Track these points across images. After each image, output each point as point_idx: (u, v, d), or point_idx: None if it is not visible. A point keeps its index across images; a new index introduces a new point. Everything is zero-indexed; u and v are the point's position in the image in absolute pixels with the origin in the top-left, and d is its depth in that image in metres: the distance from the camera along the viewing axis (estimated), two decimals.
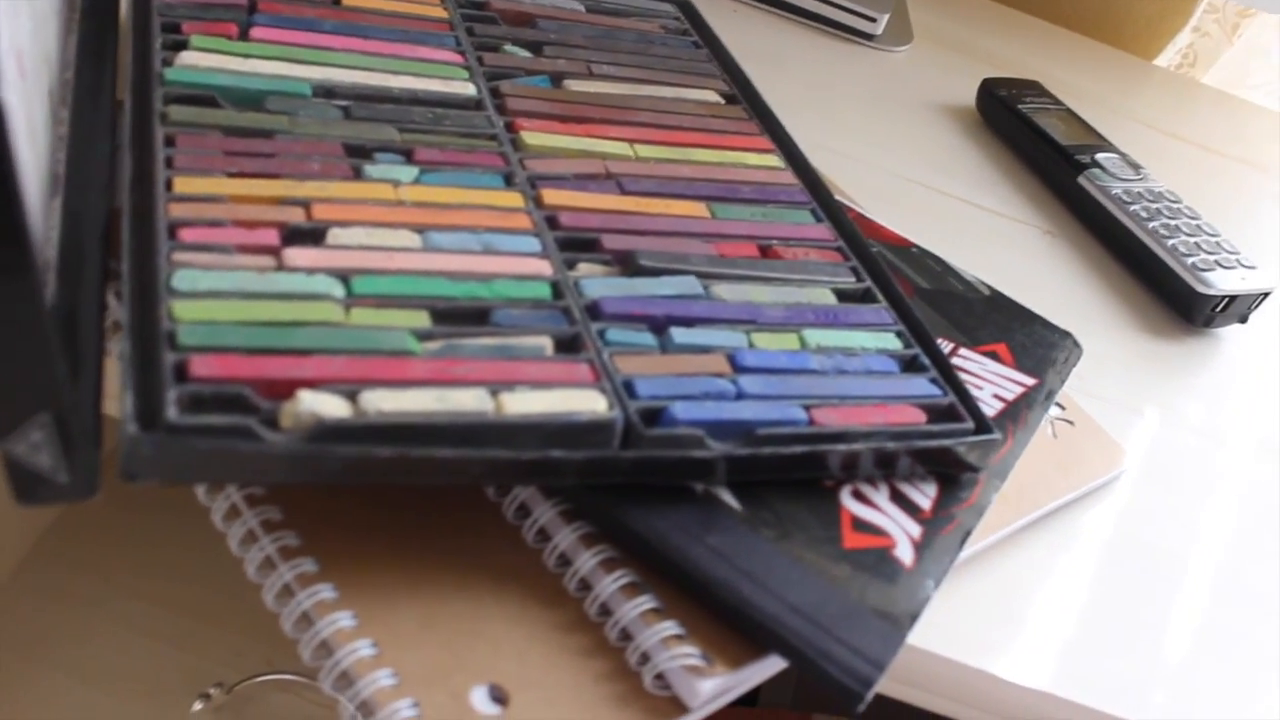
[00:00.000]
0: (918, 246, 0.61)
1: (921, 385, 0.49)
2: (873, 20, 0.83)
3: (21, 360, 0.35)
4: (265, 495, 0.42)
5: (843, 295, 0.52)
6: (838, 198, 0.57)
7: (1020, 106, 0.78)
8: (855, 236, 0.55)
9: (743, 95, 0.62)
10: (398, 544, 0.43)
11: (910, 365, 0.50)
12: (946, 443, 0.47)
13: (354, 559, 0.41)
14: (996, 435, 0.48)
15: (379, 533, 0.43)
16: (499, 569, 0.43)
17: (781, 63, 0.79)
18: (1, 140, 0.32)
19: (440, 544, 0.43)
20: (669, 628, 0.40)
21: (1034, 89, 0.81)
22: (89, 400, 0.40)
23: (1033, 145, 0.77)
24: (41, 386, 0.36)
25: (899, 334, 0.51)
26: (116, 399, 0.38)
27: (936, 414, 0.48)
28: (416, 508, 0.44)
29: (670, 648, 0.40)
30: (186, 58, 0.50)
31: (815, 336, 0.49)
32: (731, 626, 0.41)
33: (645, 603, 0.41)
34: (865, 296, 0.52)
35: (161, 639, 0.59)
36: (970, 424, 0.48)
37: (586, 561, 0.42)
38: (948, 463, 0.47)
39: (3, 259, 0.33)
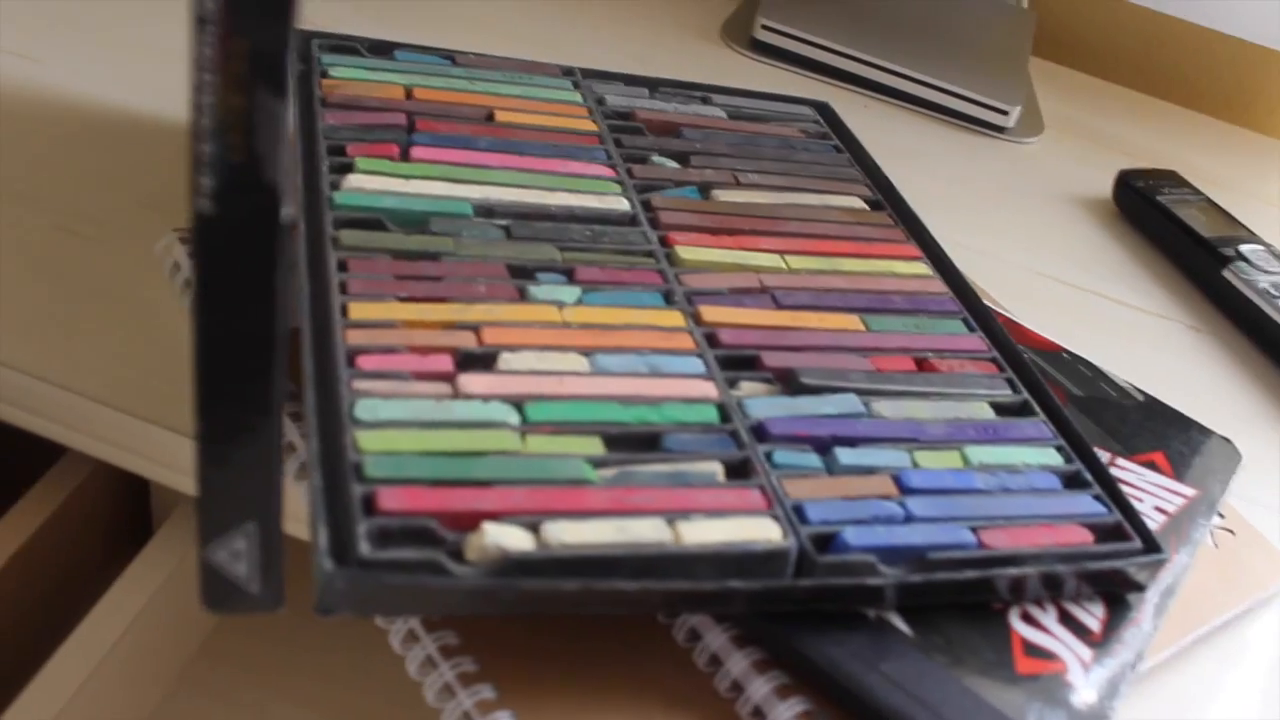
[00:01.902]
0: (1067, 351, 0.60)
1: (1086, 503, 0.48)
2: (1004, 113, 0.83)
3: (248, 469, 0.36)
4: (442, 620, 0.43)
5: (1000, 409, 0.51)
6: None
7: (1159, 198, 0.78)
8: (1009, 346, 0.54)
9: (886, 200, 0.63)
10: (571, 668, 0.43)
11: (1072, 481, 0.49)
12: (1116, 564, 0.46)
13: (530, 683, 0.42)
14: (1166, 555, 0.47)
15: (552, 656, 0.43)
16: (670, 693, 0.43)
17: (913, 158, 0.80)
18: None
19: (612, 667, 0.43)
20: None
21: (1171, 179, 0.80)
22: (278, 514, 0.40)
23: (1173, 238, 0.76)
24: (259, 496, 0.37)
25: (1059, 448, 0.50)
26: (293, 518, 0.39)
27: (1103, 533, 0.47)
28: (587, 630, 0.44)
29: None
30: (353, 181, 0.52)
31: (977, 454, 0.48)
32: None
33: None
34: (1023, 409, 0.52)
35: None
36: (1138, 543, 0.47)
37: (760, 688, 0.42)
38: (1116, 583, 0.47)
39: (255, 368, 0.35)
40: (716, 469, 0.43)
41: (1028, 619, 0.46)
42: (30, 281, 0.56)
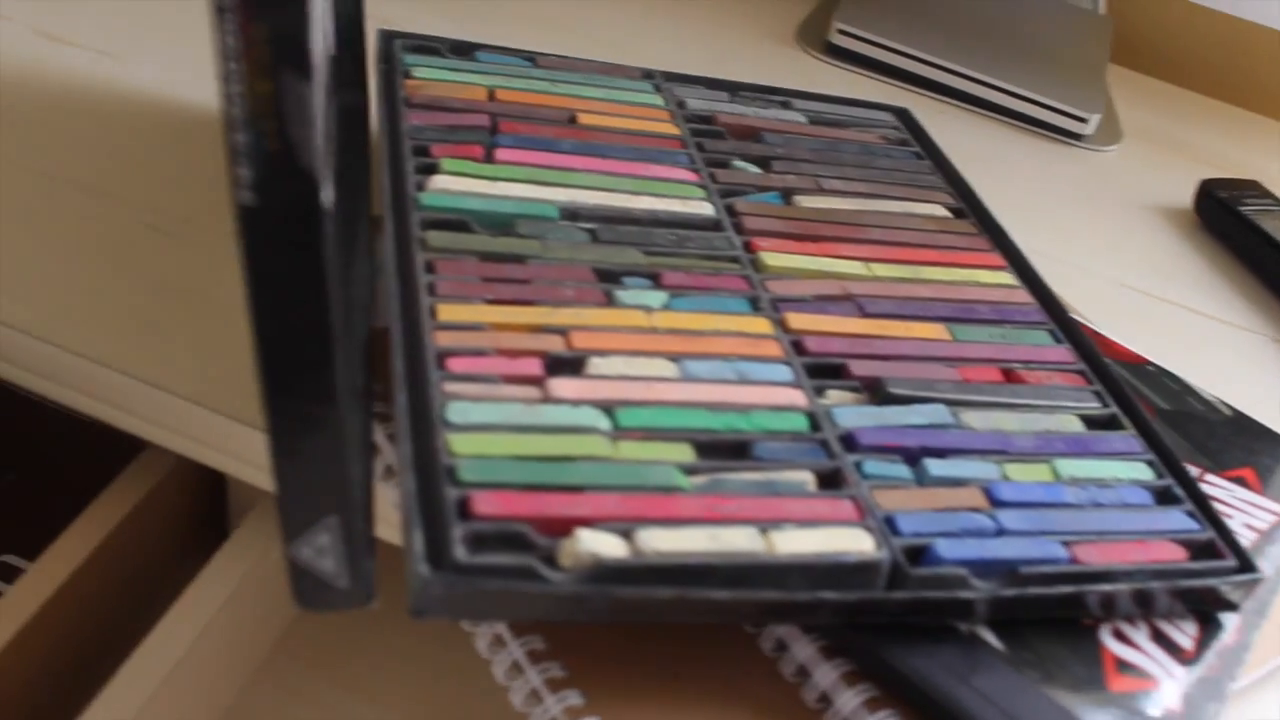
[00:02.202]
0: (1154, 364, 0.60)
1: (1178, 519, 0.47)
2: (1083, 120, 0.82)
3: (319, 461, 0.36)
4: (529, 624, 0.42)
5: (1089, 422, 0.51)
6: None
7: (1241, 208, 0.76)
8: (1096, 358, 0.54)
9: (969, 208, 0.62)
10: (657, 675, 0.43)
11: (1164, 496, 0.48)
12: (1210, 582, 0.45)
13: (617, 690, 0.41)
14: (1260, 574, 0.46)
15: (638, 663, 0.43)
16: (757, 703, 0.42)
17: (989, 164, 0.79)
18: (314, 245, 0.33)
19: (698, 675, 0.43)
20: None
21: (1254, 189, 0.79)
22: (364, 510, 0.40)
23: (1257, 249, 0.75)
24: (335, 489, 0.37)
25: (1149, 463, 0.49)
26: (381, 520, 0.38)
27: (1196, 550, 0.46)
28: (673, 637, 0.44)
29: None
30: (439, 182, 0.52)
31: (1067, 467, 0.48)
32: None
33: None
34: (1111, 423, 0.51)
35: None
36: (1232, 561, 0.46)
37: (849, 701, 0.41)
38: (1209, 601, 0.46)
39: (315, 356, 0.35)
40: (807, 478, 0.43)
41: (1119, 636, 0.45)
42: (117, 277, 0.56)
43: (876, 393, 0.48)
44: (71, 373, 0.54)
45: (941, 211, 0.61)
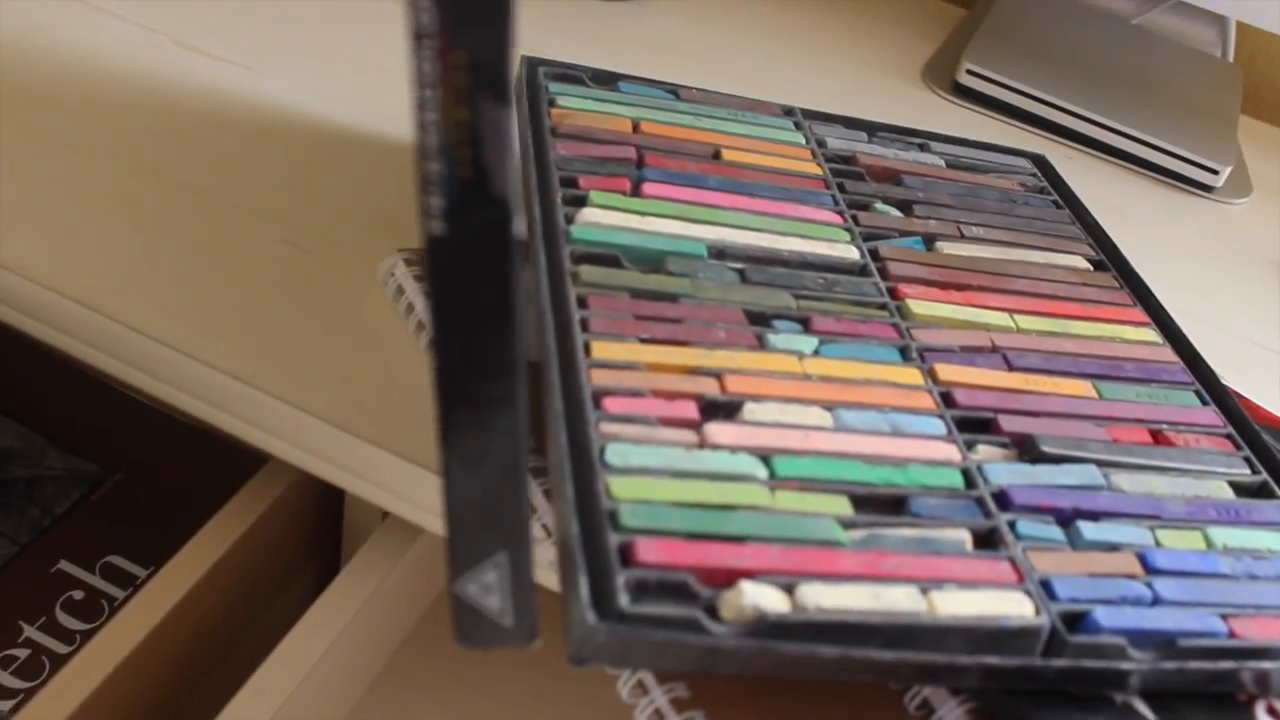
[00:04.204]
0: None
1: None
2: (1215, 172, 0.81)
3: (494, 498, 0.35)
4: (672, 672, 0.42)
5: (1239, 489, 0.50)
6: None
7: None
8: (1244, 422, 0.53)
9: (1110, 261, 0.61)
10: None
11: None
12: None
13: None
14: None
15: (780, 713, 0.42)
16: None
17: (1117, 213, 0.77)
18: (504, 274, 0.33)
19: None
20: None
21: None
22: (530, 547, 0.40)
23: None
24: (507, 526, 0.36)
25: None
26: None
27: None
28: (816, 688, 0.43)
29: None
30: (588, 215, 0.51)
31: (1221, 535, 0.47)
32: None
33: None
34: (1262, 490, 0.50)
35: None
36: None
37: None
38: None
39: (498, 391, 0.34)
40: (965, 537, 0.42)
41: (1274, 714, 0.44)
42: (253, 292, 0.57)
43: (1027, 450, 0.47)
44: (199, 382, 0.54)
45: (1082, 263, 0.60)
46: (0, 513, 0.71)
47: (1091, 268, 0.60)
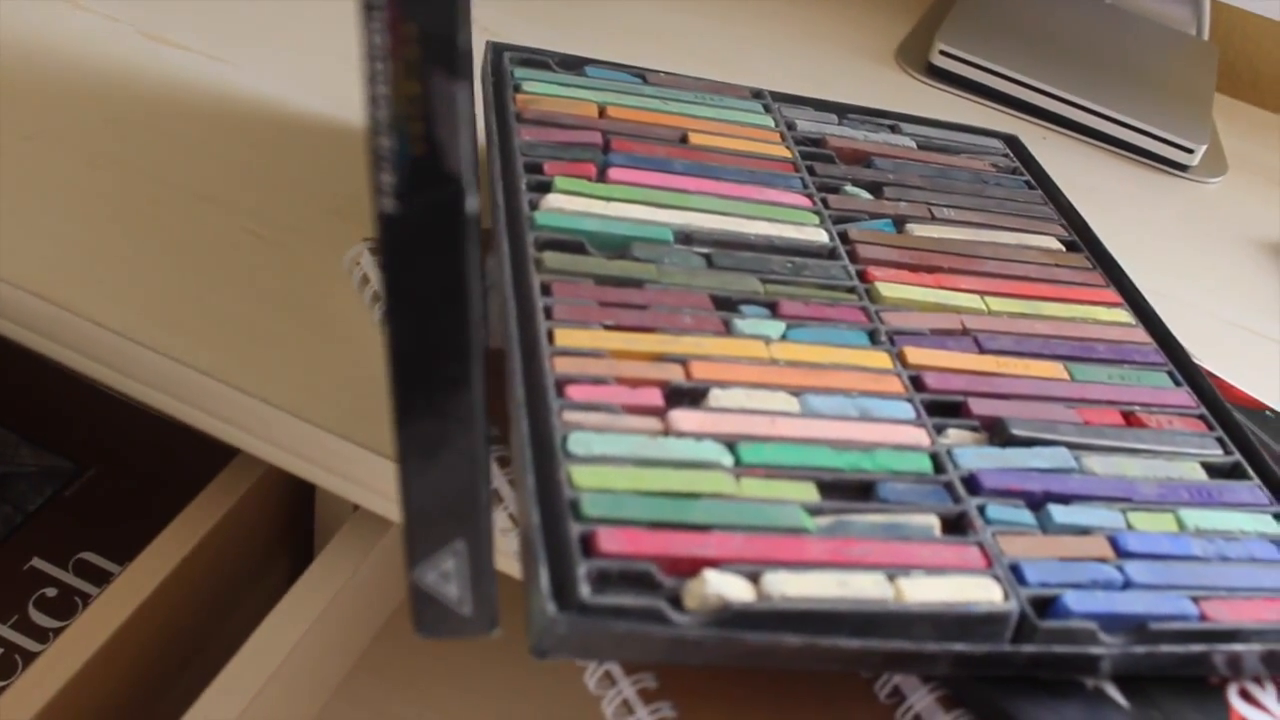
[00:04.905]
0: (1272, 409, 0.58)
1: None
2: (1189, 151, 0.81)
3: (451, 484, 0.35)
4: (639, 663, 0.42)
5: (1211, 469, 0.49)
6: None
7: None
8: (1217, 403, 0.52)
9: (1083, 241, 0.61)
10: (769, 717, 0.42)
11: None
12: None
13: None
14: None
15: (750, 704, 0.42)
16: None
17: (1091, 193, 0.77)
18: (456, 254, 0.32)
19: (811, 718, 0.42)
20: None
21: None
22: (489, 535, 0.39)
23: None
24: (464, 513, 0.35)
25: (1277, 515, 0.48)
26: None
27: None
28: (782, 678, 0.43)
29: None
30: (553, 201, 0.51)
31: (1192, 518, 0.46)
32: None
33: None
34: (1234, 471, 0.50)
35: None
36: None
37: None
38: None
39: (453, 373, 0.34)
40: (933, 522, 0.42)
41: (1246, 696, 0.43)
42: (215, 283, 0.56)
43: (997, 433, 0.47)
44: (164, 376, 0.53)
45: (1054, 244, 0.60)
46: None
47: (1064, 248, 0.60)
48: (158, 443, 0.74)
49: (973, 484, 0.44)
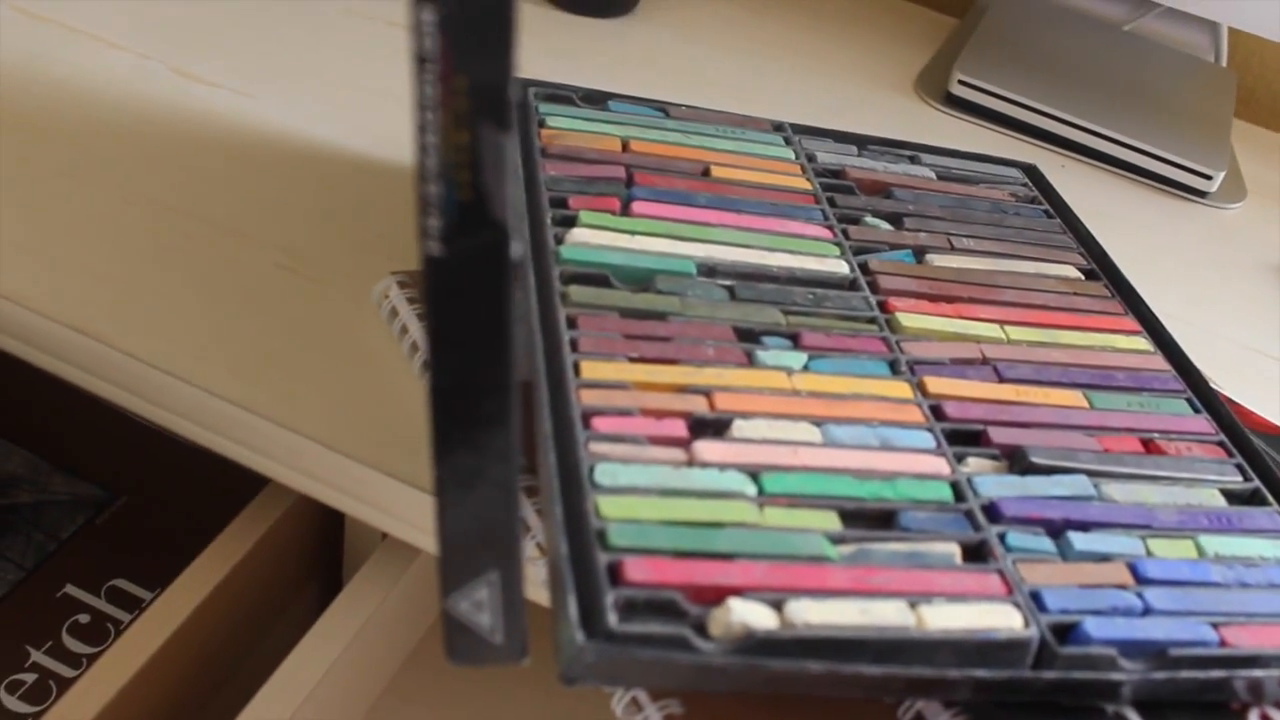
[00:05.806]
0: None
1: None
2: (1208, 177, 0.81)
3: (486, 516, 0.36)
4: (667, 689, 0.42)
5: (1231, 496, 0.50)
6: None
7: None
8: (1236, 429, 0.53)
9: (1101, 270, 0.61)
10: None
11: None
12: None
13: None
14: None
15: None
16: None
17: (1110, 221, 0.78)
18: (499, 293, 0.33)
19: None
20: None
21: None
22: (520, 565, 0.40)
23: None
24: (499, 544, 0.36)
25: None
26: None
27: None
28: (812, 704, 0.43)
29: None
30: (578, 235, 0.52)
31: (1212, 544, 0.47)
32: None
33: None
34: (1254, 498, 0.50)
35: None
36: None
37: None
38: None
39: (492, 410, 0.34)
40: (954, 550, 0.42)
41: None
42: (246, 316, 0.57)
43: (1017, 462, 0.48)
44: (196, 407, 0.54)
45: (1073, 273, 0.61)
46: (5, 538, 0.72)
47: (1083, 277, 0.60)
48: (189, 471, 0.75)
49: (993, 512, 0.45)
